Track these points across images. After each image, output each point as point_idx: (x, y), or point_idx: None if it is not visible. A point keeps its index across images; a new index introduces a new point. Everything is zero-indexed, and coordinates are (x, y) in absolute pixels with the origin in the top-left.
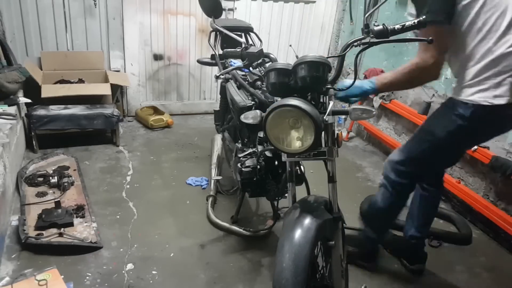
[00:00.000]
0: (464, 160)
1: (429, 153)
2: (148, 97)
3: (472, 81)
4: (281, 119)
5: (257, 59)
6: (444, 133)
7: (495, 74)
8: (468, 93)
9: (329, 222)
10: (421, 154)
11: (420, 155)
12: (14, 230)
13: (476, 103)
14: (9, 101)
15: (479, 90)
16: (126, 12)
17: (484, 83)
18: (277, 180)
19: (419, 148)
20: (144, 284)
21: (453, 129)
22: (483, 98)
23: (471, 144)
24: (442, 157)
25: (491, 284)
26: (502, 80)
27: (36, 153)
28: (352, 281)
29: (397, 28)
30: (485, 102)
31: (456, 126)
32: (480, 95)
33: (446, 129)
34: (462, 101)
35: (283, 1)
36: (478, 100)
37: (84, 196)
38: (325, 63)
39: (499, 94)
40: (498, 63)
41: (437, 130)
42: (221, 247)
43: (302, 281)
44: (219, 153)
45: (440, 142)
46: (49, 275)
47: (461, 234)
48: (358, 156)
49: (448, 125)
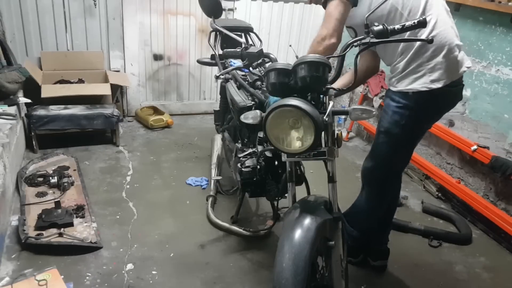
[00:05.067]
0: (464, 160)
1: (394, 152)
2: (148, 97)
3: (406, 70)
4: (281, 119)
5: (257, 59)
6: (398, 129)
7: (428, 59)
8: (406, 83)
9: (329, 222)
10: (387, 156)
11: (387, 157)
12: (14, 230)
13: (416, 91)
14: (9, 101)
15: (415, 78)
16: (126, 12)
17: (419, 70)
18: (277, 180)
19: (384, 151)
20: (144, 284)
21: (404, 121)
22: (421, 85)
23: (425, 129)
24: (406, 150)
25: (491, 284)
26: (435, 65)
27: (36, 153)
28: (352, 281)
29: (397, 28)
30: (424, 88)
31: (405, 117)
32: (418, 83)
33: (398, 124)
34: (402, 92)
35: (283, 1)
36: (417, 88)
37: (84, 196)
38: (325, 63)
39: (435, 79)
40: (428, 48)
41: (391, 128)
42: (221, 247)
43: (302, 281)
44: (219, 153)
45: (399, 138)
46: (49, 275)
47: (461, 234)
48: (358, 156)
49: (398, 120)
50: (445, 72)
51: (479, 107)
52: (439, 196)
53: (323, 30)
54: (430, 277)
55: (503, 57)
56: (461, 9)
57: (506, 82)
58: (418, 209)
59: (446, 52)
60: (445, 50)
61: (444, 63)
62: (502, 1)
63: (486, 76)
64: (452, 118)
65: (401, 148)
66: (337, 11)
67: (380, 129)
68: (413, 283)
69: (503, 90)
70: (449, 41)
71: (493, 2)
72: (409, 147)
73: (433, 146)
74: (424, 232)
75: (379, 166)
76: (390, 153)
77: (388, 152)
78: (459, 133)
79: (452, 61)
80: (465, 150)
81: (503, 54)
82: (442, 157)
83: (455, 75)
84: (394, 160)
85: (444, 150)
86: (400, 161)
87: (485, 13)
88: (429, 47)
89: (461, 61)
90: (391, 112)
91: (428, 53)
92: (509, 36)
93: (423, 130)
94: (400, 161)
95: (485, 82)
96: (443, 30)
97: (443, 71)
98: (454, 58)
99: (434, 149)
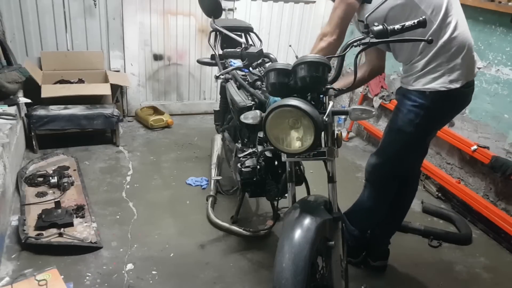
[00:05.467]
0: (464, 160)
1: (404, 150)
2: (148, 97)
3: (426, 69)
4: (281, 119)
5: (257, 59)
6: (411, 127)
7: (447, 60)
8: (423, 82)
9: (329, 222)
10: (396, 153)
11: (396, 155)
12: (14, 230)
13: (434, 90)
14: (9, 101)
15: (434, 77)
16: (126, 12)
17: (438, 70)
18: (277, 180)
19: (394, 148)
20: (144, 284)
21: (418, 120)
22: (440, 84)
23: (437, 130)
24: (416, 149)
25: (491, 284)
26: (455, 65)
27: (36, 153)
28: (352, 281)
29: (397, 28)
30: (443, 88)
31: (420, 116)
32: (436, 82)
33: (412, 123)
34: (419, 91)
35: (283, 1)
36: (435, 87)
37: (84, 196)
38: (325, 63)
39: (454, 79)
40: (449, 48)
41: (404, 127)
42: (221, 247)
43: (302, 281)
44: (219, 153)
45: (411, 136)
46: (49, 275)
47: (461, 234)
48: (358, 156)
49: (412, 119)
50: (463, 72)
51: (479, 107)
52: (439, 196)
53: (326, 27)
54: (430, 277)
55: (503, 57)
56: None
57: (506, 82)
58: (418, 209)
59: (466, 52)
60: (465, 51)
61: (463, 63)
62: (502, 1)
63: (486, 76)
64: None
65: (411, 147)
66: (340, 9)
67: (392, 127)
68: (413, 283)
69: (503, 90)
70: (468, 41)
71: (493, 2)
72: (418, 147)
73: (433, 146)
74: (424, 232)
75: (385, 163)
76: (399, 151)
77: (397, 150)
78: (459, 133)
79: (470, 61)
80: (465, 150)
81: (503, 54)
82: (442, 157)
83: (471, 76)
84: (401, 159)
85: (444, 150)
86: (407, 160)
87: (485, 13)
88: (450, 48)
89: (476, 61)
90: (406, 111)
91: (449, 54)
92: (509, 36)
93: (436, 130)
94: (407, 160)
95: (485, 82)
96: (463, 30)
97: (462, 71)
98: (472, 58)
99: (434, 149)
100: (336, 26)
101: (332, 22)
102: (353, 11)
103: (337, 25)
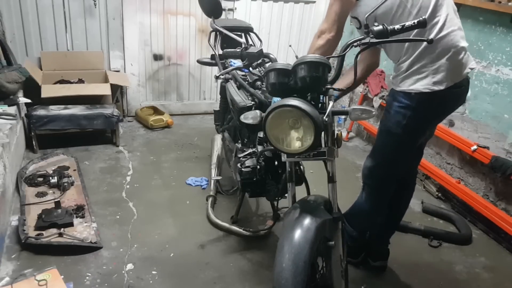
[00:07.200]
0: (464, 160)
1: (395, 152)
2: (148, 97)
3: (410, 70)
4: (281, 119)
5: (257, 59)
6: (400, 129)
7: (432, 61)
8: (408, 83)
9: (329, 222)
10: (389, 155)
11: (389, 156)
12: (14, 230)
13: (418, 91)
14: (9, 101)
15: (418, 78)
16: (126, 12)
17: (422, 71)
18: (277, 180)
19: (385, 150)
20: (144, 284)
21: (405, 122)
22: (423, 86)
23: (429, 130)
24: (408, 150)
25: (491, 284)
26: (439, 67)
27: (36, 153)
28: (352, 281)
29: (397, 28)
30: (426, 90)
31: (407, 118)
32: (420, 84)
33: (399, 124)
34: (405, 92)
35: (283, 1)
36: (419, 88)
37: (84, 196)
38: (325, 63)
39: (437, 81)
40: (434, 49)
41: (392, 128)
42: (221, 247)
43: (302, 281)
44: (219, 153)
45: (400, 138)
46: (49, 275)
47: (461, 234)
48: (358, 156)
49: (400, 120)
50: (448, 74)
51: (479, 107)
52: (439, 196)
53: (323, 25)
54: (430, 277)
55: (503, 57)
56: (461, 9)
57: (506, 82)
58: (418, 209)
59: (451, 54)
60: (450, 53)
61: (448, 65)
62: (502, 1)
63: (486, 76)
64: (452, 118)
65: (401, 148)
66: (337, 5)
67: (382, 129)
68: (413, 283)
69: (503, 90)
70: (455, 43)
71: (493, 2)
72: (410, 148)
73: (433, 146)
74: (424, 232)
75: (379, 165)
76: (391, 153)
77: (389, 152)
78: (459, 133)
79: (456, 64)
80: (465, 150)
81: (503, 54)
82: (442, 157)
83: (458, 78)
84: (394, 160)
85: (444, 150)
86: (401, 162)
87: (485, 13)
88: (435, 49)
89: (465, 63)
90: (393, 112)
91: (433, 55)
92: (509, 36)
93: (425, 131)
94: (401, 162)
95: (485, 82)
96: (450, 32)
97: (446, 73)
98: (459, 61)
99: (434, 149)
100: (333, 23)
101: (329, 18)
102: (350, 7)
103: (334, 22)
